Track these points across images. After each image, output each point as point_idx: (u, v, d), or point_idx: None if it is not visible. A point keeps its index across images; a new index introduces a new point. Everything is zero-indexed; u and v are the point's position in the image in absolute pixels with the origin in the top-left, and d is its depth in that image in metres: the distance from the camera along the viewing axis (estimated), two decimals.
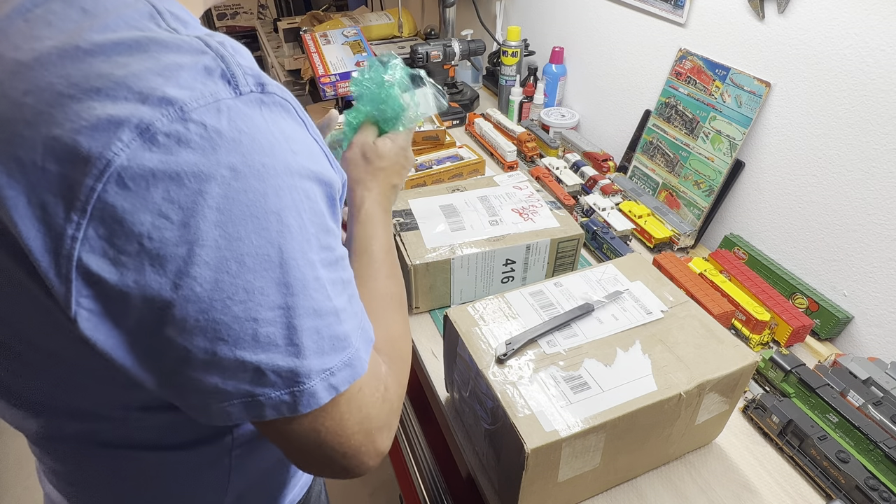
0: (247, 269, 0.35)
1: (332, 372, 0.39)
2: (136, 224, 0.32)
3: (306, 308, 0.37)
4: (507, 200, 0.93)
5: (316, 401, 0.38)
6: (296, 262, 0.36)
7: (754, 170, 0.97)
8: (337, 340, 0.39)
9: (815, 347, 0.86)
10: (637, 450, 0.61)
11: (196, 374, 0.36)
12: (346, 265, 0.42)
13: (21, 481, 1.71)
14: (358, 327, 0.42)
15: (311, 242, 0.37)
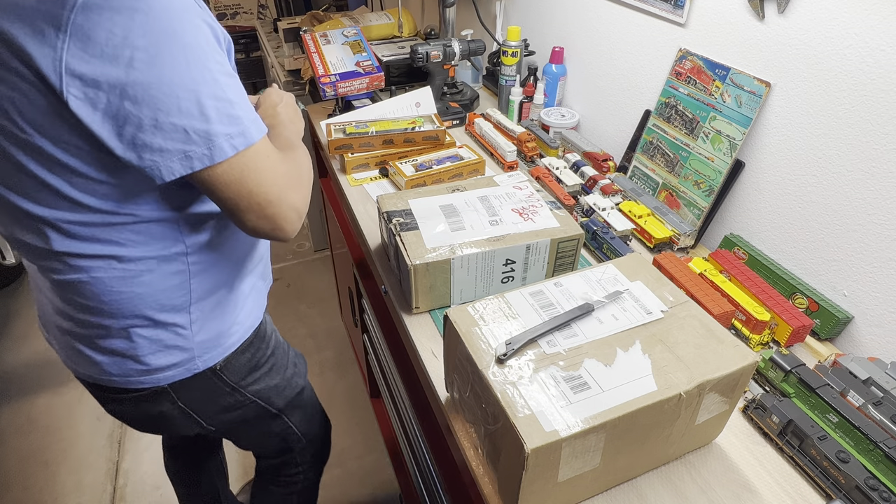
0: (167, 64, 0.57)
1: (231, 136, 0.62)
2: (96, 37, 0.54)
3: (208, 93, 0.60)
4: (507, 200, 0.93)
5: (223, 153, 0.61)
6: (199, 63, 0.59)
7: (754, 170, 0.97)
8: (233, 118, 0.62)
9: (815, 347, 0.86)
10: (637, 450, 0.61)
11: (147, 137, 0.59)
12: (236, 79, 0.65)
13: (21, 481, 1.71)
14: (247, 116, 0.64)
15: (207, 55, 0.60)
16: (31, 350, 2.16)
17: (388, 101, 1.39)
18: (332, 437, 1.57)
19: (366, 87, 1.43)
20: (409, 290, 0.86)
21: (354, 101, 1.47)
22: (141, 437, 1.82)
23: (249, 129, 0.63)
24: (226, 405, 0.91)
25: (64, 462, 1.76)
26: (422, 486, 1.18)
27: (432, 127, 1.26)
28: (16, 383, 2.02)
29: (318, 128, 1.44)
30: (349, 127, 1.26)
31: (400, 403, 1.28)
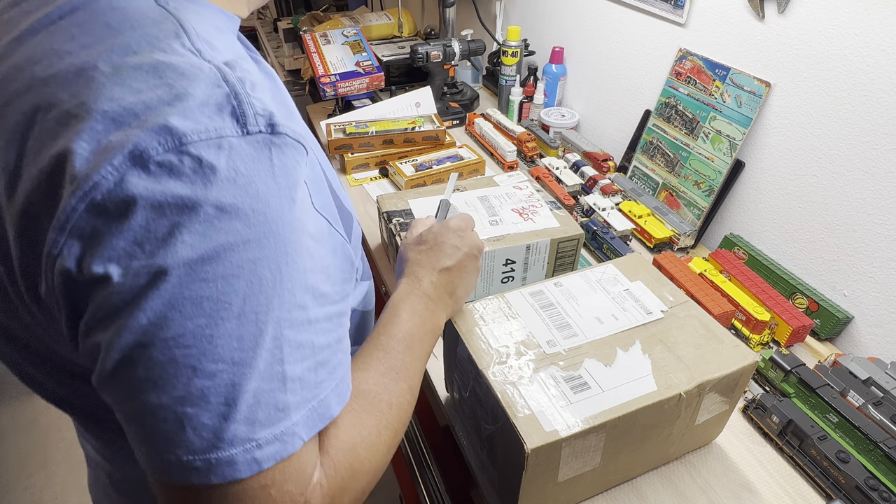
0: (201, 313, 0.32)
1: (258, 444, 0.34)
2: (109, 248, 0.31)
3: (253, 367, 0.34)
4: (507, 200, 0.93)
5: (232, 472, 0.33)
6: (256, 318, 0.34)
7: (754, 170, 0.97)
8: (275, 410, 0.35)
9: (815, 347, 0.86)
10: (637, 450, 0.61)
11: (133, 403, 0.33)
12: (323, 329, 0.39)
13: (21, 481, 1.71)
14: (308, 402, 0.37)
15: (282, 299, 0.35)
16: None
17: (388, 101, 1.39)
18: None
19: (366, 87, 1.43)
20: None
21: (354, 101, 1.47)
22: None
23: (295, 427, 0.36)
24: None
25: (64, 462, 1.76)
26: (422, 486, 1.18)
27: (432, 127, 1.26)
28: (16, 383, 2.02)
29: (318, 128, 1.44)
30: (349, 127, 1.26)
31: None
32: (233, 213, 0.33)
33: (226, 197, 0.32)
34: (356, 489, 0.41)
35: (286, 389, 0.35)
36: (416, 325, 0.54)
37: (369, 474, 0.42)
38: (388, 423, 0.45)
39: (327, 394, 0.39)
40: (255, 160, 0.34)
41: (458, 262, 0.60)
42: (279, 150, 0.35)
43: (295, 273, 0.36)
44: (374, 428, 0.43)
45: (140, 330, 0.32)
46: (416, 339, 0.53)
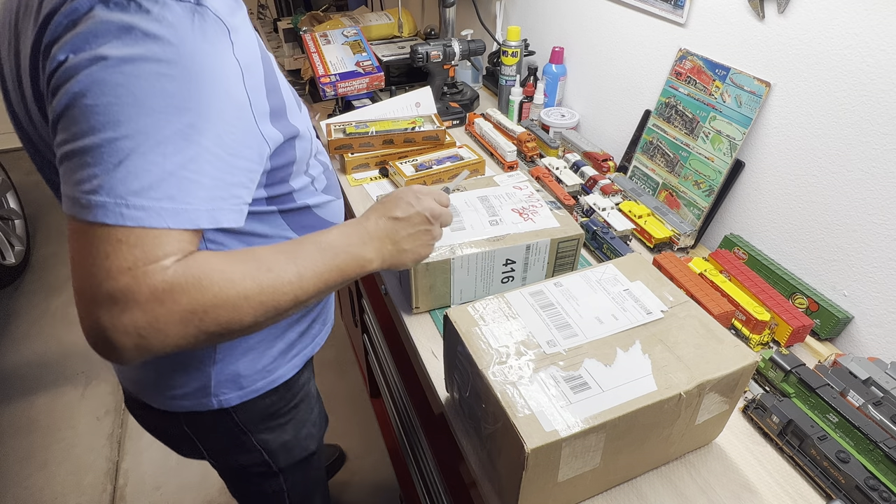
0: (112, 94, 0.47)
1: (127, 205, 0.47)
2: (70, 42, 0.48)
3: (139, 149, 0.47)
4: (507, 200, 0.93)
5: (103, 215, 0.46)
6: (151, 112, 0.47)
7: (754, 170, 0.97)
8: (149, 188, 0.48)
9: (815, 347, 0.86)
10: (637, 450, 0.61)
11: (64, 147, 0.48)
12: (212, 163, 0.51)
13: (21, 481, 1.71)
14: (181, 202, 0.49)
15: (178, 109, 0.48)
16: (31, 350, 2.16)
17: (388, 101, 1.39)
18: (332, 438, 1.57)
19: (366, 87, 1.43)
20: (408, 290, 0.86)
21: (354, 101, 1.47)
22: (141, 437, 1.82)
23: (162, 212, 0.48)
24: (231, 445, 0.86)
25: (64, 462, 1.76)
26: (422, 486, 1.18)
27: (432, 127, 1.26)
28: (16, 383, 2.02)
29: (319, 128, 1.44)
30: (349, 127, 1.26)
31: (400, 403, 1.28)
32: (154, 38, 0.48)
33: (152, 28, 0.48)
34: (196, 300, 0.50)
35: (162, 179, 0.48)
36: (339, 240, 0.62)
37: (214, 297, 0.51)
38: (256, 278, 0.54)
39: (201, 208, 0.51)
40: (180, 16, 0.49)
41: (408, 215, 0.68)
42: (201, 17, 0.50)
43: (195, 99, 0.49)
44: (240, 273, 0.53)
45: (71, 94, 0.47)
46: (334, 248, 0.61)
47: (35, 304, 2.37)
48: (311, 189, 0.74)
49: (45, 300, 2.39)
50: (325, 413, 1.03)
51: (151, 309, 0.48)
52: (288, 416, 0.87)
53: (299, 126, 0.66)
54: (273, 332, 0.78)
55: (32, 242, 2.72)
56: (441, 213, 0.71)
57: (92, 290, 0.47)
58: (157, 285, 0.48)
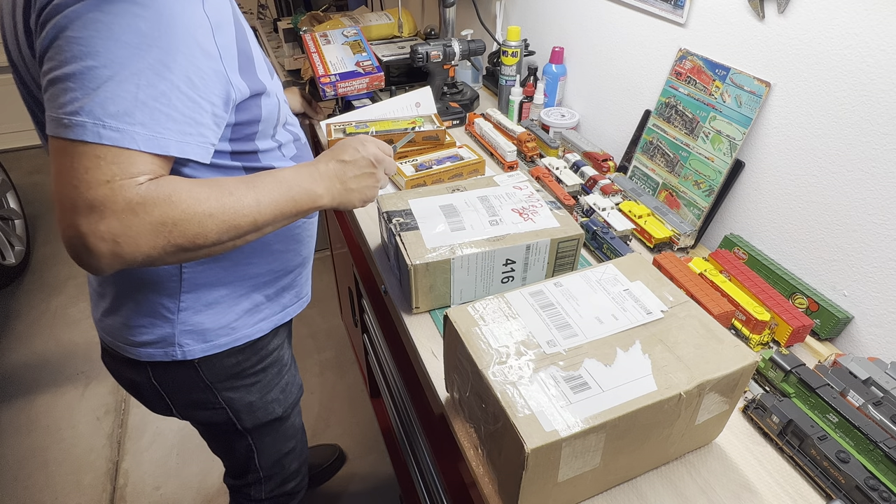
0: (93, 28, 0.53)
1: (104, 125, 0.53)
2: None
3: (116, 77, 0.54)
4: (507, 200, 0.93)
5: (82, 133, 0.53)
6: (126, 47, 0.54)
7: (754, 170, 0.97)
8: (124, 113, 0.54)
9: (815, 347, 0.86)
10: (637, 450, 0.61)
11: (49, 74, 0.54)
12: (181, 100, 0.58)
13: (21, 481, 1.71)
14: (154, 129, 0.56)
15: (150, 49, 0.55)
16: (31, 350, 2.16)
17: (388, 101, 1.39)
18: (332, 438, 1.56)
19: (366, 87, 1.43)
20: (408, 290, 0.86)
21: (354, 101, 1.47)
22: (141, 437, 1.82)
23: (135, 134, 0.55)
24: (196, 401, 0.90)
25: (64, 462, 1.76)
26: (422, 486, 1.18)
27: (432, 127, 1.26)
28: (16, 383, 2.02)
29: (319, 128, 1.44)
30: (349, 127, 1.26)
31: (400, 403, 1.28)
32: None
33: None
34: (166, 213, 0.57)
35: (136, 107, 0.55)
36: (293, 177, 0.70)
37: (182, 213, 0.58)
38: (219, 199, 0.62)
39: (171, 138, 0.58)
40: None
41: (354, 159, 0.76)
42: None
43: (165, 39, 0.55)
44: (205, 195, 0.61)
45: (57, 27, 0.53)
46: (287, 181, 0.69)
47: (35, 304, 2.37)
48: (277, 153, 0.79)
49: (45, 300, 2.39)
50: (298, 382, 1.07)
51: (126, 218, 0.55)
52: (254, 377, 0.92)
53: (267, 85, 0.71)
54: (238, 290, 0.83)
55: (32, 242, 2.72)
56: (383, 160, 0.79)
57: (72, 199, 0.54)
58: (132, 197, 0.55)
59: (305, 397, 1.90)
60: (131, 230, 0.55)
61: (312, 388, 1.96)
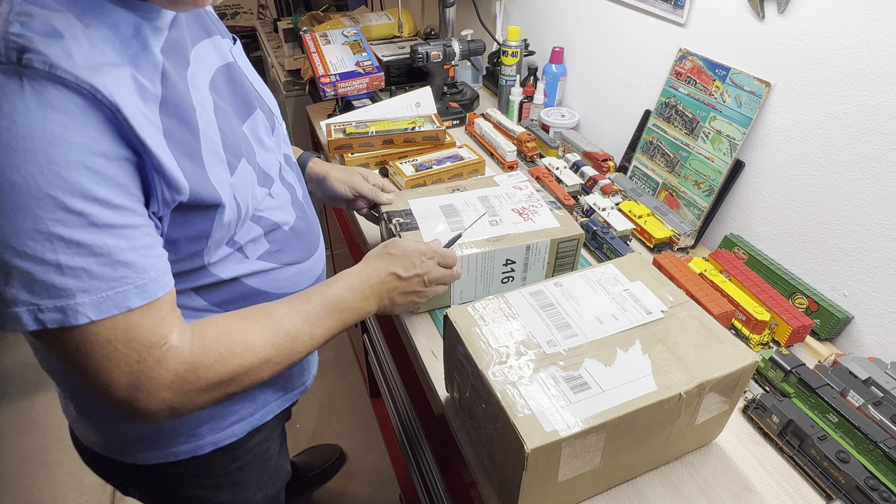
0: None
1: (39, 308, 0.46)
2: None
3: (19, 252, 0.44)
4: (507, 200, 0.93)
5: (21, 325, 0.46)
6: (14, 214, 0.43)
7: (754, 170, 0.97)
8: (52, 289, 0.46)
9: (815, 347, 0.86)
10: (637, 450, 0.61)
11: None
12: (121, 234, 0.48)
13: (21, 481, 1.71)
14: (100, 291, 0.47)
15: (45, 201, 0.43)
16: (31, 350, 2.16)
17: (388, 101, 1.39)
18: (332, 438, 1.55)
19: (366, 87, 1.43)
20: None
21: (354, 101, 1.47)
22: None
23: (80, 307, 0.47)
24: (160, 497, 0.80)
25: (64, 462, 1.76)
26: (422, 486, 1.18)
27: (432, 127, 1.26)
28: (16, 383, 2.02)
29: (318, 128, 1.44)
30: (349, 127, 1.26)
31: (400, 403, 1.28)
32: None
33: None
34: (222, 371, 0.54)
35: (62, 274, 0.45)
36: (346, 296, 0.66)
37: (239, 367, 0.55)
38: (277, 343, 0.58)
39: (127, 289, 0.49)
40: (2, 86, 0.42)
41: (408, 276, 0.72)
42: (31, 80, 0.42)
43: (60, 182, 0.44)
44: (261, 338, 0.57)
45: None
46: (341, 305, 0.65)
47: None
48: (237, 257, 0.65)
49: None
50: (285, 470, 0.93)
51: (178, 389, 0.52)
52: (226, 478, 0.79)
53: (221, 192, 0.56)
54: None
55: None
56: (439, 278, 0.75)
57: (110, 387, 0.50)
58: (177, 366, 0.52)
59: (305, 397, 1.89)
60: (187, 395, 0.53)
61: (312, 388, 1.96)
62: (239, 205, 0.60)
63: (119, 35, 0.49)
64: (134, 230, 0.49)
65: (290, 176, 0.75)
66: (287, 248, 0.71)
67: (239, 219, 0.61)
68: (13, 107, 0.42)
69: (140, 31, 0.51)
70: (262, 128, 0.69)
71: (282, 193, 0.71)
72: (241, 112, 0.66)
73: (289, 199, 0.72)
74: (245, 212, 0.62)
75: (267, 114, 0.71)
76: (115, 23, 0.49)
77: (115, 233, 0.47)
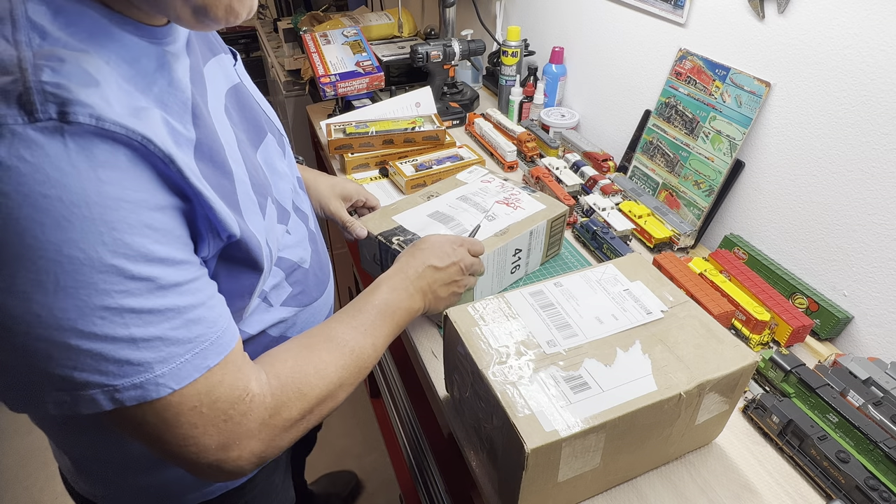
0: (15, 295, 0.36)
1: (116, 389, 0.41)
2: None
3: (87, 334, 0.39)
4: (487, 195, 0.96)
5: (97, 407, 0.41)
6: (77, 293, 0.38)
7: (754, 170, 0.97)
8: (128, 365, 0.41)
9: (815, 347, 0.86)
10: (637, 450, 0.61)
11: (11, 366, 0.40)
12: (188, 290, 0.44)
13: (21, 481, 1.71)
14: (172, 355, 0.43)
15: (110, 273, 0.38)
16: None
17: (388, 101, 1.39)
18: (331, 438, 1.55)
19: (366, 87, 1.43)
20: None
21: (354, 101, 1.47)
22: None
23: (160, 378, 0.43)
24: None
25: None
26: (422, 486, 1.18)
27: (432, 127, 1.26)
28: None
29: (318, 128, 1.44)
30: (349, 127, 1.26)
31: (400, 403, 1.28)
32: (21, 201, 0.34)
33: (9, 185, 0.34)
34: (303, 407, 0.52)
35: (137, 348, 0.41)
36: (392, 298, 0.65)
37: (318, 399, 0.54)
38: (346, 364, 0.57)
39: (205, 347, 0.45)
40: (43, 149, 0.35)
41: (445, 265, 0.70)
42: (75, 136, 0.36)
43: (123, 248, 0.39)
44: (331, 363, 0.55)
45: None
46: (391, 308, 0.64)
47: None
48: (262, 307, 0.61)
49: None
50: (288, 497, 0.87)
51: (265, 436, 0.50)
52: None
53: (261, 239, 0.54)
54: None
55: None
56: (472, 264, 0.74)
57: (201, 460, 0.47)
58: (262, 414, 0.49)
59: None
60: (274, 441, 0.51)
61: None
62: (271, 250, 0.57)
63: (141, 72, 0.43)
64: (197, 283, 0.45)
65: (303, 204, 0.71)
66: (307, 289, 0.68)
67: (270, 266, 0.58)
68: (61, 172, 0.35)
69: (163, 63, 0.46)
70: (275, 153, 0.65)
71: (298, 228, 0.67)
72: (254, 139, 0.61)
73: (305, 235, 0.68)
74: (274, 257, 0.58)
75: (277, 136, 0.67)
76: (136, 57, 0.43)
77: (182, 290, 0.44)
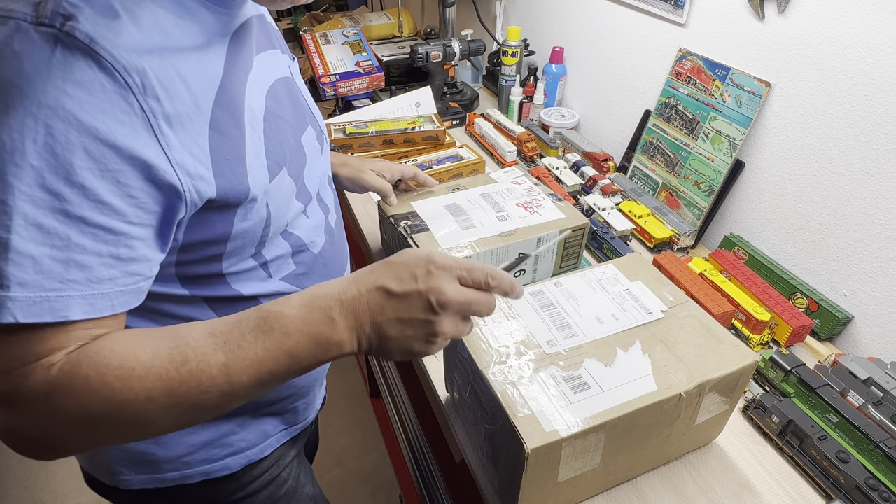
0: None
1: None
2: None
3: None
4: (510, 196, 0.94)
5: None
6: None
7: (754, 170, 0.97)
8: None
9: (815, 347, 0.86)
10: (637, 450, 0.61)
11: None
12: (91, 233, 0.40)
13: (21, 481, 1.71)
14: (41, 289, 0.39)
15: (24, 170, 0.38)
16: None
17: (388, 101, 1.39)
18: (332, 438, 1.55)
19: (366, 87, 1.43)
20: None
21: (354, 101, 1.48)
22: None
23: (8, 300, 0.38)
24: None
25: (64, 462, 1.76)
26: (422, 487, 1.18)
27: (432, 127, 1.26)
28: None
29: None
30: (349, 127, 1.26)
31: (400, 403, 1.28)
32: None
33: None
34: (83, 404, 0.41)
35: (7, 259, 0.38)
36: (295, 317, 0.45)
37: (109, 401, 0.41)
38: (165, 374, 0.42)
39: (72, 295, 0.40)
40: (34, 45, 0.38)
41: (404, 292, 0.45)
42: (66, 48, 0.38)
43: (50, 157, 0.38)
44: (145, 367, 0.42)
45: None
46: (283, 329, 0.44)
47: None
48: (258, 274, 0.58)
49: None
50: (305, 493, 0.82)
51: (31, 413, 0.41)
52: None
53: (255, 191, 0.51)
54: None
55: None
56: (452, 302, 0.45)
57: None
58: (37, 388, 0.40)
59: None
60: (42, 426, 0.41)
61: None
62: (270, 212, 0.55)
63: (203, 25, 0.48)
64: (111, 235, 0.41)
65: (328, 197, 0.71)
66: (312, 274, 0.65)
67: (267, 228, 0.56)
68: (35, 69, 0.38)
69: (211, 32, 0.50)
70: (313, 146, 0.67)
71: (316, 214, 0.66)
72: (298, 124, 0.63)
73: (322, 222, 0.67)
74: (276, 223, 0.57)
75: (317, 132, 0.70)
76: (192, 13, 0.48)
77: (84, 229, 0.40)
